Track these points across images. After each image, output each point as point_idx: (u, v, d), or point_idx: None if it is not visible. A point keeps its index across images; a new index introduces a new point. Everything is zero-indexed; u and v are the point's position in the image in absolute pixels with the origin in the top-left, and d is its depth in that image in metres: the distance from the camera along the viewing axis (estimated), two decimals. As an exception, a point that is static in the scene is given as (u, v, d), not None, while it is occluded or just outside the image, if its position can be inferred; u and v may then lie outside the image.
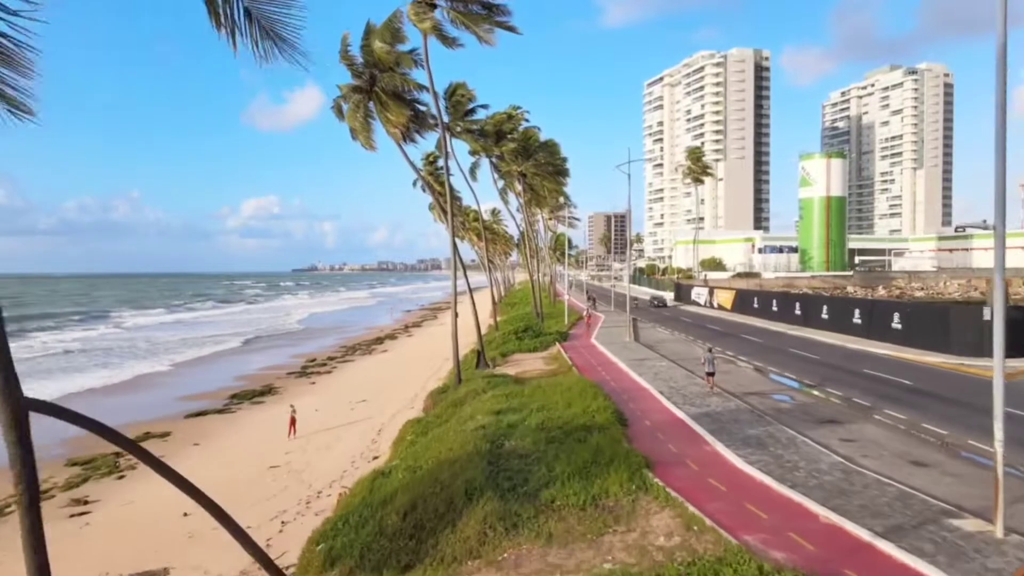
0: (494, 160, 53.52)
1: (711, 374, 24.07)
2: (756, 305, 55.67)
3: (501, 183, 53.53)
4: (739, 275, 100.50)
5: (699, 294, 71.41)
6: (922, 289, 75.55)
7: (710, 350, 26.41)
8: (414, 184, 78.33)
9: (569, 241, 72.25)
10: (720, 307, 63.60)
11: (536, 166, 48.25)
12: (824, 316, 43.54)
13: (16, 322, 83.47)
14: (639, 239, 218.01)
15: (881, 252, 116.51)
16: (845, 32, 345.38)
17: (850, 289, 76.20)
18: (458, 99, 42.58)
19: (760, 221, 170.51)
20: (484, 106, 43.79)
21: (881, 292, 72.99)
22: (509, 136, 50.66)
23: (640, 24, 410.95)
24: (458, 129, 43.92)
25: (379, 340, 70.71)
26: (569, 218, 66.37)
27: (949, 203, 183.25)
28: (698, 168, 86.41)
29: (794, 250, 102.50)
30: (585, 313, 58.11)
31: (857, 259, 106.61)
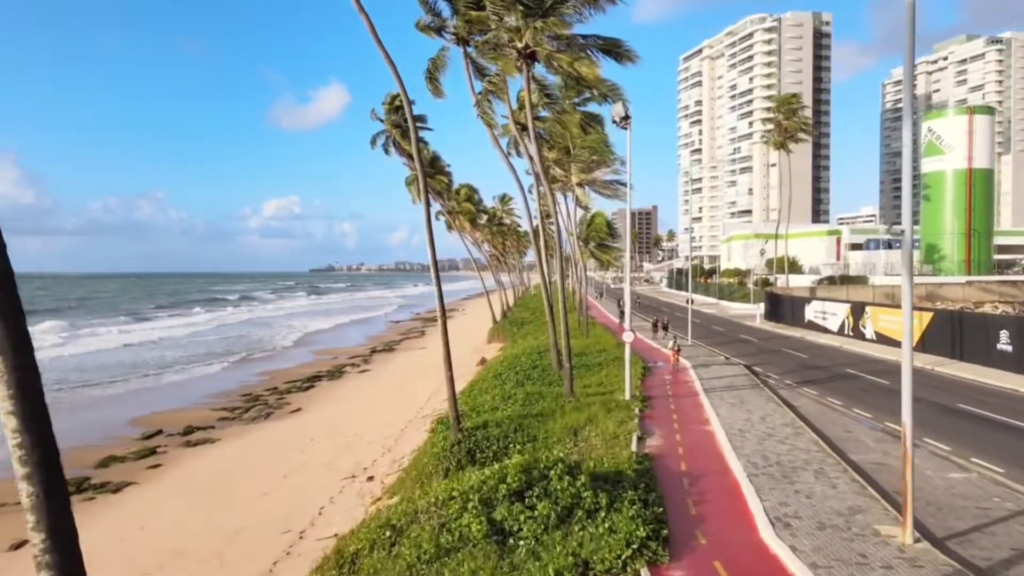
0: (471, 51, 24.76)
1: None
2: (1009, 344, 26.16)
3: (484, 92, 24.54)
4: (829, 280, 70.66)
5: (822, 313, 41.97)
6: None
7: None
8: (372, 143, 50.54)
9: (610, 225, 43.11)
10: (882, 338, 34.32)
11: (557, 33, 19.29)
12: None
13: None
14: (671, 236, 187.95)
15: (1007, 249, 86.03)
16: (886, 26, 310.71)
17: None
18: None
19: (819, 214, 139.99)
20: None
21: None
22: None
23: (669, 17, 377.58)
24: None
25: (312, 380, 42.70)
26: (614, 183, 36.74)
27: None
28: (793, 125, 56.56)
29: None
30: (671, 355, 29.23)
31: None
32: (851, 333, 37.97)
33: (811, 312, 43.45)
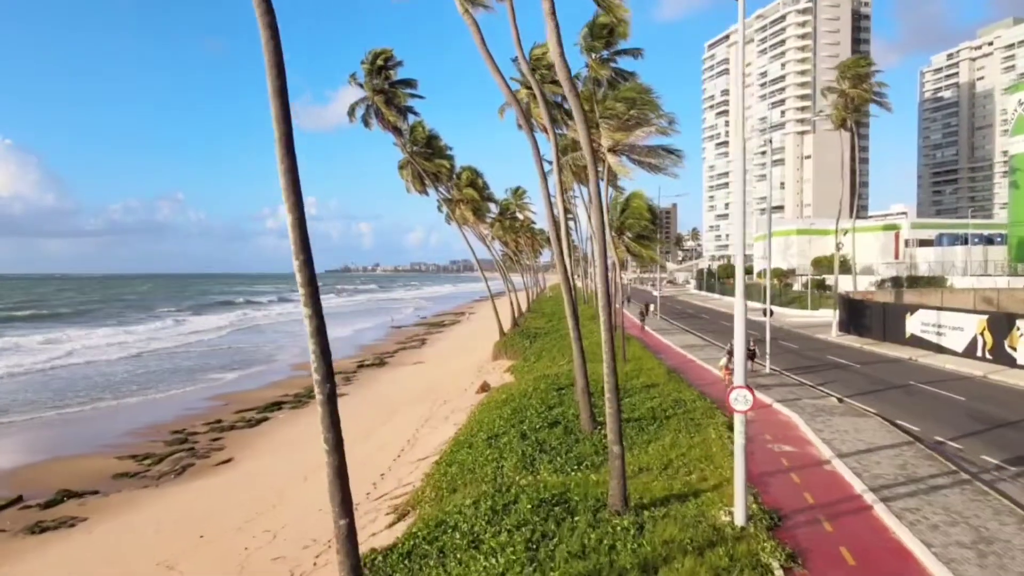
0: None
1: None
2: None
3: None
4: (893, 281, 59.49)
5: (935, 327, 30.96)
6: None
7: None
8: (351, 114, 40.26)
9: (652, 210, 32.58)
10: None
11: None
12: None
13: None
14: (695, 235, 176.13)
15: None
16: (914, 22, 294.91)
17: None
18: None
19: (858, 210, 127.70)
20: None
21: None
22: None
23: (693, 11, 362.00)
24: None
25: (269, 410, 32.69)
26: (660, 150, 26.35)
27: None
28: (863, 94, 45.52)
29: (989, 241, 61.00)
30: (724, 374, 18.81)
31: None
32: (989, 356, 27.04)
33: (915, 325, 32.47)
